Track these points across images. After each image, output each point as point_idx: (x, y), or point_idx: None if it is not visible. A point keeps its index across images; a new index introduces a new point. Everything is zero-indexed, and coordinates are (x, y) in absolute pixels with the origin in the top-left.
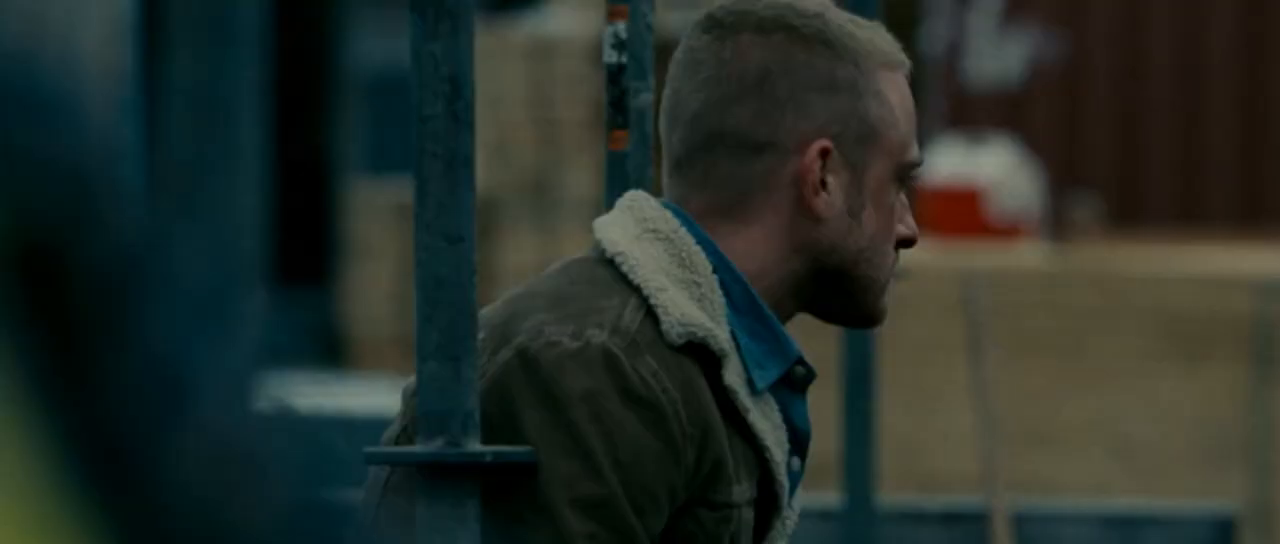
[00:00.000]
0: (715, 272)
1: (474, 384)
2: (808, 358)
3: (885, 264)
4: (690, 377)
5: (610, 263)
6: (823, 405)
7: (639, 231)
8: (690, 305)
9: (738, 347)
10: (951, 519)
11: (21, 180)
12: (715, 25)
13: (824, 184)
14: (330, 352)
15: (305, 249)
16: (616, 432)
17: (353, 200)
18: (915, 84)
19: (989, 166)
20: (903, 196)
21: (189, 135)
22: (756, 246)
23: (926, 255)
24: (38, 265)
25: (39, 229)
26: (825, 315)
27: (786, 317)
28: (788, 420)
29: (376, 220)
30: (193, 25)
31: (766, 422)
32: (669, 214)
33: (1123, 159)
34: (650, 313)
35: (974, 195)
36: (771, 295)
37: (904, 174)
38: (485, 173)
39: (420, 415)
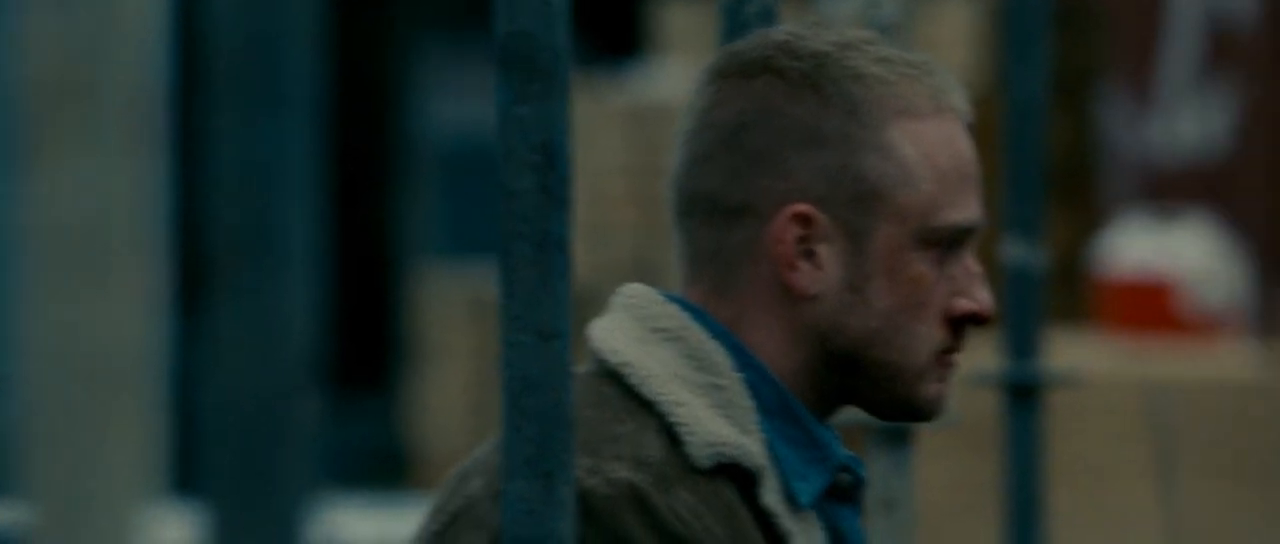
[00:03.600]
0: (740, 371)
1: (568, 505)
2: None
3: (914, 346)
4: (731, 506)
5: (615, 376)
6: (984, 539)
7: (642, 333)
8: (715, 418)
9: (774, 457)
10: None
11: None
12: (707, 70)
13: (811, 255)
14: (393, 469)
15: (365, 348)
16: None
17: (422, 290)
18: (1087, 155)
19: (1183, 251)
20: (967, 262)
21: (233, 214)
22: (757, 333)
23: (1106, 360)
24: None
25: None
26: (870, 409)
27: (824, 414)
28: (839, 538)
29: (451, 313)
30: (236, 86)
31: (809, 543)
32: (675, 308)
33: None
34: (672, 434)
35: (1164, 287)
36: (795, 391)
37: (938, 238)
38: (581, 257)
39: (507, 543)
